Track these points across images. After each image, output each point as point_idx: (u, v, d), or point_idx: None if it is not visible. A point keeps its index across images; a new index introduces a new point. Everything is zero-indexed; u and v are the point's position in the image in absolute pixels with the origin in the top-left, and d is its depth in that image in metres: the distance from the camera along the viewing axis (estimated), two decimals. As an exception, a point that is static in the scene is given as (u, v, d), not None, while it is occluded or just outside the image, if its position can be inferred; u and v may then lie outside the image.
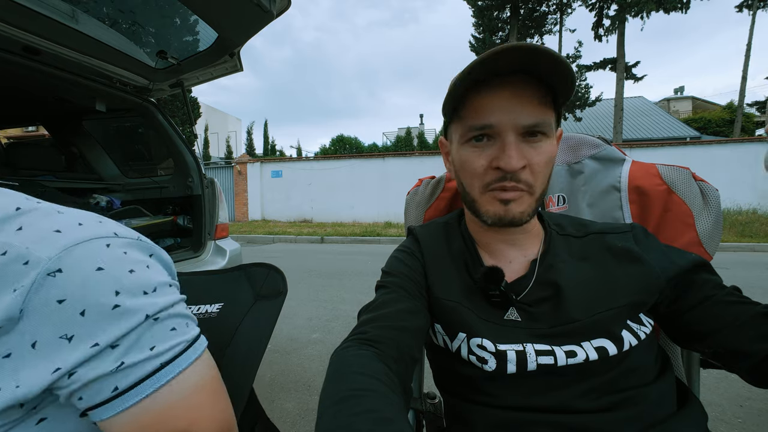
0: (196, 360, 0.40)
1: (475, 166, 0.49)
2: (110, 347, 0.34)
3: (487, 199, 0.50)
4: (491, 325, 0.50)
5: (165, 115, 2.06)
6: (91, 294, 0.34)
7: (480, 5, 14.37)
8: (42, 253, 0.33)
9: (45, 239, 0.34)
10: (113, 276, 0.35)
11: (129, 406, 0.34)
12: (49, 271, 0.32)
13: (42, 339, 0.32)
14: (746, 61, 14.20)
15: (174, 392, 0.37)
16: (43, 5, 1.23)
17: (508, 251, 0.55)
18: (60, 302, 0.32)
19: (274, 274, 0.67)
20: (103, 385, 0.34)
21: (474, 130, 0.48)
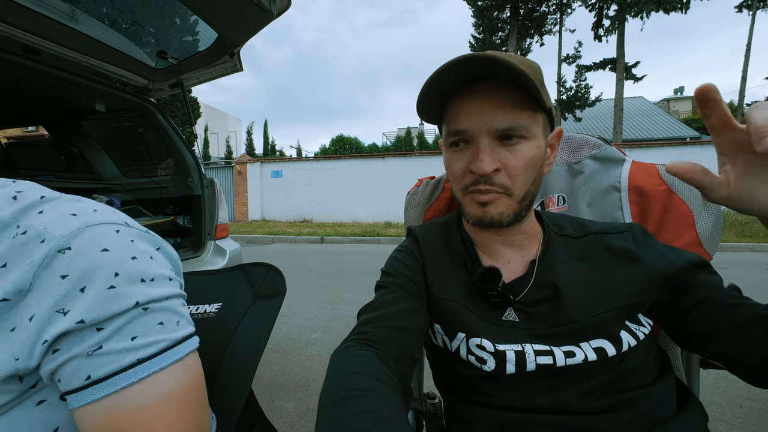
0: (175, 363, 0.38)
1: (455, 170, 0.52)
2: (95, 328, 0.34)
3: (467, 200, 0.52)
4: (490, 326, 0.50)
5: (165, 115, 2.06)
6: (92, 273, 0.35)
7: (480, 5, 14.37)
8: (56, 232, 0.36)
9: (61, 221, 0.37)
10: (115, 259, 0.37)
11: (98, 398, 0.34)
12: (60, 248, 0.35)
13: (39, 312, 0.33)
14: (746, 61, 14.20)
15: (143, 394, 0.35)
16: (43, 5, 1.23)
17: (506, 252, 0.55)
18: (63, 277, 0.34)
19: (273, 273, 0.67)
20: (79, 369, 0.34)
21: (451, 135, 0.51)
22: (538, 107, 0.48)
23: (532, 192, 0.51)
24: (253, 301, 0.65)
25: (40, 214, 0.37)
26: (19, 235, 0.35)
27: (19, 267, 0.34)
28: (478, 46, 14.95)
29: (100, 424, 0.34)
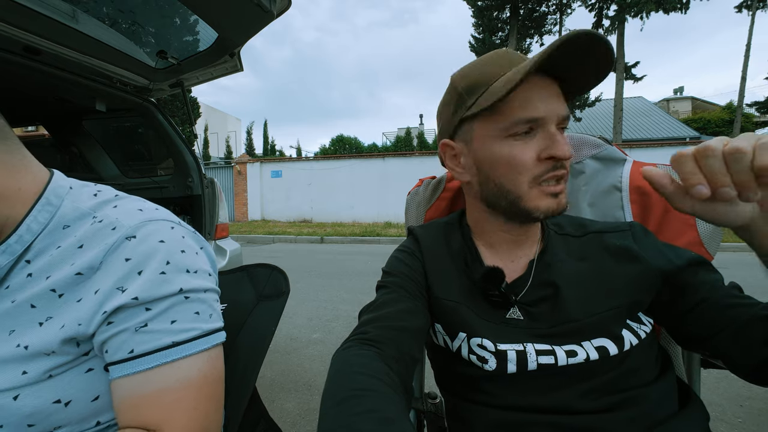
0: (202, 352, 0.42)
1: (524, 160, 0.47)
2: (144, 307, 0.40)
3: (536, 194, 0.48)
4: (491, 325, 0.50)
5: (165, 115, 2.06)
6: (149, 259, 0.42)
7: (480, 5, 14.37)
8: (126, 222, 0.43)
9: (130, 214, 0.45)
10: (169, 250, 0.43)
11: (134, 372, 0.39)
12: (127, 235, 0.42)
13: (103, 287, 0.40)
14: (746, 61, 14.21)
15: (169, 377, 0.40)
16: (43, 5, 1.22)
17: (515, 250, 0.55)
18: (127, 260, 0.41)
19: (277, 274, 0.67)
20: (125, 343, 0.39)
21: (521, 124, 0.47)
22: None
23: None
24: (257, 302, 0.65)
25: (114, 208, 0.46)
26: (96, 223, 0.43)
27: (93, 248, 0.41)
28: (478, 46, 14.95)
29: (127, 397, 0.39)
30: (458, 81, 0.52)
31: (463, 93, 0.50)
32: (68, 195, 0.46)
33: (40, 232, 0.42)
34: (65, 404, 0.39)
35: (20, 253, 0.42)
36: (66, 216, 0.44)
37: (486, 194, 0.53)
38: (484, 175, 0.51)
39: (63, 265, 0.41)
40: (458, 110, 0.51)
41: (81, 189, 0.47)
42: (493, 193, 0.51)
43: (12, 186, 0.42)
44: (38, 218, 0.42)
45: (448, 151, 0.56)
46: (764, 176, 0.31)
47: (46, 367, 0.39)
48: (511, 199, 0.50)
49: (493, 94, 0.46)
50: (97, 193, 0.48)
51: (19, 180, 0.43)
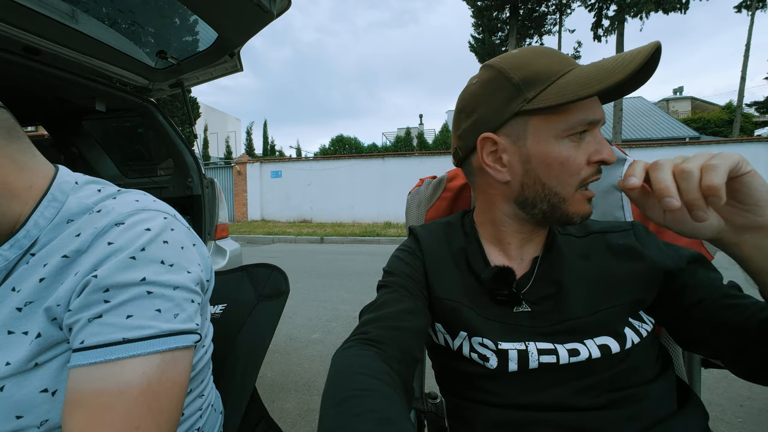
0: (155, 354, 0.38)
1: (576, 162, 0.46)
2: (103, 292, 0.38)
3: (578, 197, 0.48)
4: (493, 324, 0.50)
5: (165, 115, 2.06)
6: (129, 244, 0.41)
7: (479, 6, 14.38)
8: (120, 209, 0.44)
9: (127, 203, 0.46)
10: (150, 237, 0.43)
11: (81, 364, 0.37)
12: (117, 221, 0.42)
13: (82, 269, 0.39)
14: (745, 61, 14.22)
15: (110, 377, 0.36)
16: (43, 5, 1.22)
17: (524, 248, 0.55)
18: (109, 244, 0.41)
19: (277, 274, 0.67)
20: (80, 332, 0.38)
21: (582, 125, 0.46)
22: None
23: None
24: (256, 301, 0.65)
25: (113, 199, 0.46)
26: (94, 212, 0.44)
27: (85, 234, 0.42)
28: (477, 46, 14.95)
29: (69, 390, 0.37)
30: (511, 70, 0.47)
31: (520, 84, 0.46)
32: (73, 190, 0.47)
33: (46, 226, 0.43)
34: (52, 393, 0.39)
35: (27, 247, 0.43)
36: (70, 210, 0.45)
37: (526, 195, 0.50)
38: (532, 175, 0.48)
39: (57, 253, 0.41)
40: (512, 102, 0.47)
41: (86, 185, 0.49)
42: (536, 194, 0.49)
43: (24, 185, 0.43)
44: (45, 214, 0.43)
45: (488, 146, 0.50)
46: (711, 196, 0.33)
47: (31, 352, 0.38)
48: (554, 202, 0.48)
49: (566, 93, 0.43)
50: (102, 188, 0.49)
51: (30, 178, 0.44)
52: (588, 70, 0.45)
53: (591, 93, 0.42)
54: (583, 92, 0.42)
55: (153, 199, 0.49)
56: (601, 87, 0.42)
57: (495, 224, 0.56)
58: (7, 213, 0.42)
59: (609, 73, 0.42)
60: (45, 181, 0.45)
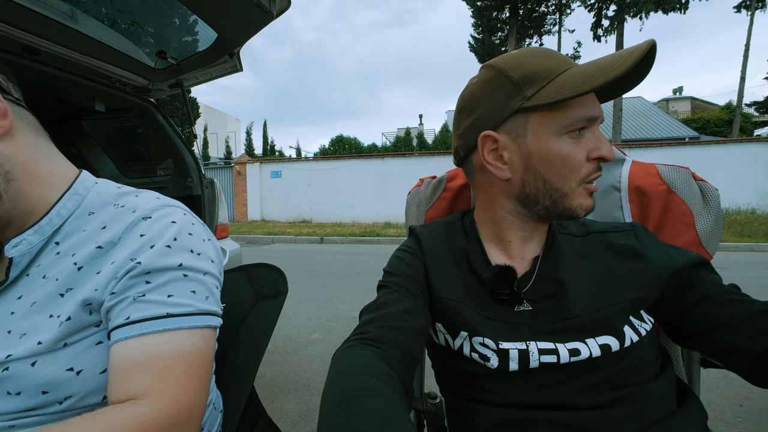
0: (194, 329, 0.44)
1: (576, 159, 0.47)
2: (145, 280, 0.43)
3: (581, 192, 0.49)
4: (494, 323, 0.50)
5: (164, 116, 2.06)
6: (160, 236, 0.46)
7: (479, 6, 14.38)
8: (144, 206, 0.48)
9: (149, 200, 0.50)
10: (178, 229, 0.47)
11: (128, 336, 0.41)
12: (144, 216, 0.47)
13: (119, 259, 0.43)
14: (744, 61, 14.23)
15: (163, 345, 0.41)
16: (42, 5, 1.22)
17: (524, 248, 0.55)
18: (141, 236, 0.45)
19: (275, 274, 0.67)
20: (123, 311, 0.42)
21: (581, 121, 0.47)
22: None
23: None
24: (255, 301, 0.65)
25: (136, 197, 0.51)
26: (119, 207, 0.48)
27: (114, 227, 0.46)
28: (477, 46, 14.96)
29: (119, 362, 0.40)
30: (510, 69, 0.48)
31: (520, 82, 0.47)
32: (94, 187, 0.51)
33: (68, 217, 0.47)
34: (77, 373, 0.42)
35: (50, 236, 0.46)
36: (92, 204, 0.49)
37: (527, 192, 0.50)
38: (533, 172, 0.49)
39: (87, 243, 0.45)
40: (512, 100, 0.48)
41: (106, 184, 0.54)
42: (538, 191, 0.49)
43: (46, 170, 0.48)
44: (67, 205, 0.48)
45: (488, 144, 0.51)
46: None
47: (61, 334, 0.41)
48: (556, 198, 0.49)
49: (564, 89, 0.44)
50: (120, 187, 0.54)
51: (51, 167, 0.49)
52: (586, 67, 0.45)
53: (589, 89, 0.43)
54: (581, 88, 0.43)
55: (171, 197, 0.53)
56: (599, 83, 0.42)
57: (496, 222, 0.56)
58: (25, 192, 0.46)
59: (606, 70, 0.43)
60: (68, 176, 0.50)
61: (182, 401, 0.41)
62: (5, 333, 0.42)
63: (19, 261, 0.44)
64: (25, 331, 0.42)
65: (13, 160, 0.45)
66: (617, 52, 0.45)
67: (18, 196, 0.45)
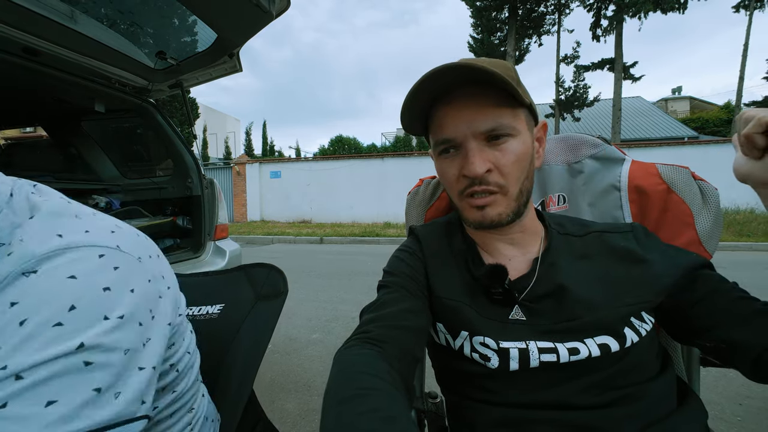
0: None
1: (448, 176, 0.52)
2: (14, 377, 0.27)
3: (464, 205, 0.52)
4: (493, 323, 0.50)
5: (164, 116, 2.06)
6: (43, 303, 0.29)
7: (478, 6, 14.38)
8: (33, 248, 0.31)
9: (43, 236, 0.32)
10: (80, 288, 0.30)
11: None
12: (25, 270, 0.30)
13: None
14: (743, 61, 14.25)
15: None
16: (42, 6, 1.22)
17: (507, 250, 0.55)
18: (12, 305, 0.29)
19: (275, 274, 0.67)
20: None
21: (440, 144, 0.52)
22: (518, 104, 0.49)
23: (527, 187, 0.52)
24: (255, 301, 0.65)
25: (30, 219, 0.33)
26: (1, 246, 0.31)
27: None
28: (476, 46, 14.96)
29: None
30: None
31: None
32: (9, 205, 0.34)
33: None
34: None
35: None
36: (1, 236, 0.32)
37: None
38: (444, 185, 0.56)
39: None
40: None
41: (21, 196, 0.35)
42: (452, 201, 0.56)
43: None
44: None
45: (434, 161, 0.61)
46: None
47: None
48: (455, 208, 0.56)
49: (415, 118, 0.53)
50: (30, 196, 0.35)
51: None
52: None
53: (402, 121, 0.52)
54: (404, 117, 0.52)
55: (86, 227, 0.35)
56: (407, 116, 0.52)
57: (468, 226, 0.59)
58: None
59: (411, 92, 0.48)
60: None
61: None
62: None
63: None
64: None
65: None
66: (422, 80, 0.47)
67: None
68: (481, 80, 0.46)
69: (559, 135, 0.78)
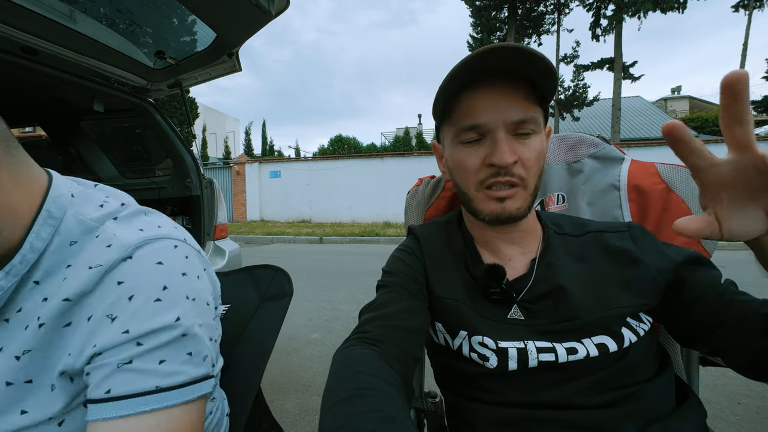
0: (189, 402, 0.37)
1: (469, 165, 0.50)
2: (136, 342, 0.35)
3: (482, 197, 0.51)
4: (492, 323, 0.50)
5: (163, 116, 2.05)
6: (143, 284, 0.37)
7: (478, 5, 14.38)
8: (124, 240, 0.39)
9: (130, 231, 0.40)
10: (167, 273, 0.39)
11: (110, 417, 0.33)
12: (124, 256, 0.38)
13: (96, 314, 0.36)
14: (743, 60, 14.26)
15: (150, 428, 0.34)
16: (41, 5, 1.22)
17: (507, 249, 0.55)
18: (119, 283, 0.37)
19: (280, 275, 0.68)
20: (105, 379, 0.34)
21: (466, 131, 0.50)
22: (540, 102, 0.50)
23: (538, 185, 0.52)
24: (260, 302, 0.65)
25: (114, 221, 0.41)
26: (93, 238, 0.39)
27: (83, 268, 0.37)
28: (476, 46, 14.96)
29: None
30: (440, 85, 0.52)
31: (438, 97, 0.51)
32: (71, 205, 0.41)
33: (43, 249, 0.38)
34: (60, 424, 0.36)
35: (25, 273, 0.37)
36: (71, 231, 0.39)
37: (458, 195, 0.56)
38: (453, 176, 0.56)
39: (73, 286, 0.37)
40: (434, 114, 0.56)
41: (84, 198, 0.43)
42: (459, 192, 0.55)
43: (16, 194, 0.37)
44: (41, 234, 0.38)
45: (437, 152, 0.61)
46: None
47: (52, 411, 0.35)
48: (466, 201, 0.54)
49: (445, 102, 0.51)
50: (104, 203, 0.43)
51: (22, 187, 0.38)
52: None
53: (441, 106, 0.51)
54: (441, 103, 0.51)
55: (158, 224, 0.44)
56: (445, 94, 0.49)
57: (469, 223, 0.60)
58: (11, 237, 0.37)
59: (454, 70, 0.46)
60: (38, 192, 0.39)
61: None
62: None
63: None
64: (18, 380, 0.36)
65: None
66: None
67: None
68: (529, 69, 0.46)
69: (558, 134, 0.78)
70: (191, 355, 0.38)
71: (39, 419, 0.35)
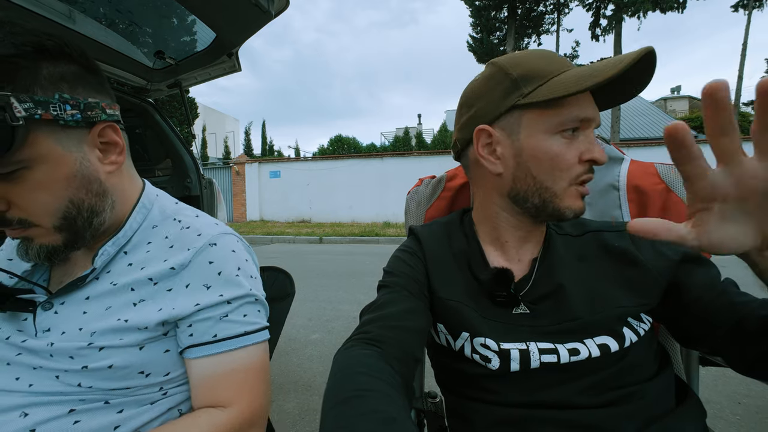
0: (261, 342, 0.53)
1: (566, 159, 0.47)
2: (227, 302, 0.50)
3: (571, 193, 0.49)
4: (494, 324, 0.50)
5: (163, 116, 2.05)
6: (226, 264, 0.52)
7: (477, 5, 14.40)
8: (208, 231, 0.54)
9: (210, 225, 0.56)
10: (238, 258, 0.55)
11: (217, 352, 0.49)
12: (210, 242, 0.53)
13: (193, 283, 0.50)
14: (742, 60, 14.28)
15: (242, 359, 0.50)
16: (40, 5, 1.22)
17: (521, 249, 0.55)
18: (210, 263, 0.51)
19: (282, 276, 0.68)
20: (210, 328, 0.49)
21: (574, 121, 0.47)
22: None
23: None
24: None
25: (196, 217, 0.57)
26: (184, 229, 0.54)
27: (183, 249, 0.51)
28: (476, 45, 14.98)
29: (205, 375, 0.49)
30: (511, 67, 0.49)
31: (518, 80, 0.48)
32: (156, 200, 0.58)
33: (137, 229, 0.53)
34: (146, 375, 0.48)
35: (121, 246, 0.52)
36: (155, 218, 0.55)
37: (518, 189, 0.51)
38: (524, 168, 0.50)
39: (157, 259, 0.51)
40: (509, 96, 0.49)
41: (164, 197, 0.60)
42: (528, 188, 0.50)
43: (129, 188, 0.55)
44: (137, 218, 0.54)
45: (483, 138, 0.52)
46: None
47: (138, 339, 0.48)
48: (546, 197, 0.49)
49: (558, 88, 0.45)
50: (177, 202, 0.61)
51: (132, 182, 0.56)
52: (582, 69, 0.46)
53: (581, 89, 0.43)
54: (574, 88, 0.44)
55: (215, 222, 0.58)
56: (590, 83, 0.43)
57: (492, 221, 0.56)
58: (116, 211, 0.52)
59: (599, 72, 0.44)
60: (137, 187, 0.57)
61: (256, 406, 0.50)
62: (77, 330, 0.47)
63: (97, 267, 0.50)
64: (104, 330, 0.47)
65: (119, 188, 0.52)
66: (616, 56, 0.45)
67: (113, 216, 0.51)
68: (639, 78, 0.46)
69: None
70: (260, 312, 0.54)
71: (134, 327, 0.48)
